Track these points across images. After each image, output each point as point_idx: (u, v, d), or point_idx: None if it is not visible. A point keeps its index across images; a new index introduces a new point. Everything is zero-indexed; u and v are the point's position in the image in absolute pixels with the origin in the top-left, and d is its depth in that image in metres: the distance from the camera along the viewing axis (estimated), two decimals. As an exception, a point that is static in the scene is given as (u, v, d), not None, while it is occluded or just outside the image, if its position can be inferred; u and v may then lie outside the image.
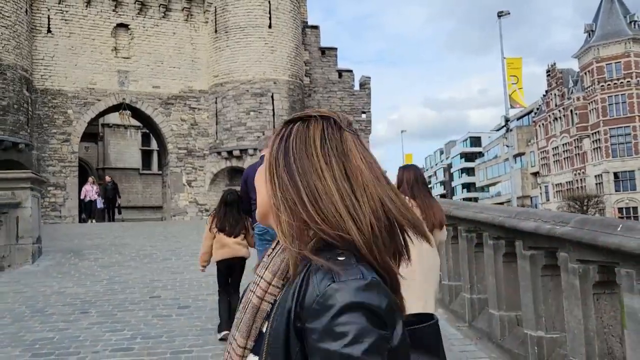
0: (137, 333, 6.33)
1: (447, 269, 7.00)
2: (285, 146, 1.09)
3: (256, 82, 25.74)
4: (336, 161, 1.06)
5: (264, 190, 1.10)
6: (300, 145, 1.08)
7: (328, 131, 1.10)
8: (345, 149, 1.08)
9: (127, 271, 10.34)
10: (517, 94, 28.41)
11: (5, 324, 6.86)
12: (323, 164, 1.06)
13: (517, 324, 5.39)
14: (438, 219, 4.20)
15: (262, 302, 1.07)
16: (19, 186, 10.93)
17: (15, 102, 21.60)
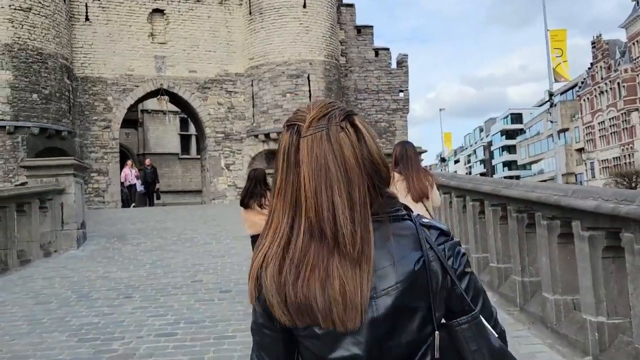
0: (180, 318, 6.31)
1: (496, 250, 6.72)
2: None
3: (292, 63, 25.52)
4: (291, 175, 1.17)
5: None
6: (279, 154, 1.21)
7: (288, 143, 1.19)
8: (298, 161, 1.16)
9: (169, 255, 10.41)
10: (562, 67, 27.30)
11: (52, 309, 6.95)
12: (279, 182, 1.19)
13: (573, 308, 5.10)
14: (419, 192, 4.98)
15: None
16: (62, 173, 11.12)
17: (57, 91, 22.02)
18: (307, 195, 1.14)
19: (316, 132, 1.16)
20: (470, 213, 7.55)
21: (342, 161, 1.14)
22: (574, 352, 4.70)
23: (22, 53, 20.90)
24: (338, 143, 1.15)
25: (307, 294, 1.12)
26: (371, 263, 1.13)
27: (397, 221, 1.19)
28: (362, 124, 1.21)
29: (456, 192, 8.21)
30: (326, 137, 1.15)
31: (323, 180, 1.14)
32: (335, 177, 1.13)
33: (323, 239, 1.14)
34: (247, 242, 11.40)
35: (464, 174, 25.08)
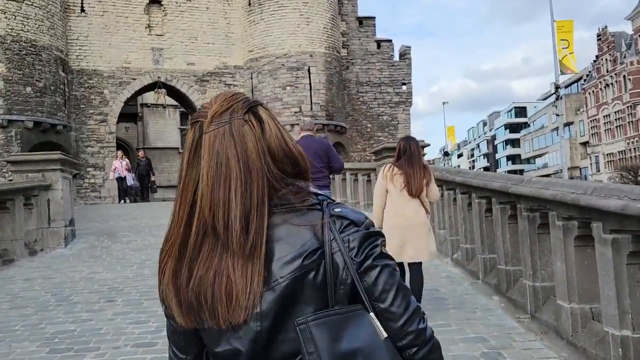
0: (162, 325, 5.78)
1: (504, 251, 6.22)
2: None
3: (292, 55, 25.01)
4: (192, 173, 1.17)
5: None
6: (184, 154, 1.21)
7: (192, 139, 1.18)
8: (199, 158, 1.15)
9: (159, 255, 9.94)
10: (568, 59, 26.71)
11: (28, 314, 6.49)
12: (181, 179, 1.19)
13: (592, 319, 4.60)
14: (416, 187, 5.33)
15: None
16: (48, 168, 10.64)
17: (52, 84, 21.56)
18: (202, 193, 1.14)
19: (219, 128, 1.14)
20: (476, 211, 7.05)
21: (243, 156, 1.13)
22: (593, 367, 4.22)
23: (15, 45, 20.44)
24: (241, 137, 1.14)
25: (197, 292, 1.12)
26: (262, 258, 1.11)
27: (302, 212, 1.16)
28: (267, 115, 1.19)
29: (461, 189, 7.70)
30: (229, 132, 1.14)
31: (222, 176, 1.13)
32: (235, 173, 1.12)
33: (217, 236, 1.13)
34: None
35: (469, 169, 24.66)
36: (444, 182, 8.56)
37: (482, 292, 6.64)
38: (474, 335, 5.02)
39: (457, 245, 8.14)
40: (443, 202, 8.80)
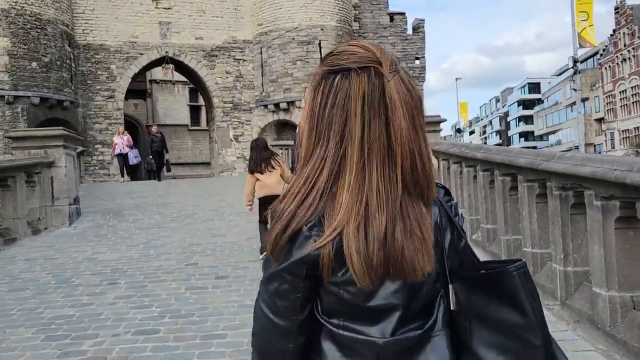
0: (166, 310, 5.51)
1: (530, 232, 5.78)
2: (328, 102, 1.12)
3: (302, 29, 24.36)
4: (377, 124, 1.09)
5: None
6: (343, 104, 1.10)
7: (370, 88, 1.10)
8: (389, 107, 1.09)
9: (166, 233, 9.63)
10: (587, 32, 25.73)
11: (25, 297, 6.20)
12: (362, 130, 1.09)
13: (633, 308, 4.18)
14: None
15: None
16: (51, 144, 10.29)
17: (58, 59, 21.15)
18: (403, 142, 1.10)
19: (394, 76, 1.11)
20: (500, 189, 6.60)
21: (418, 105, 1.14)
22: (635, 362, 3.81)
23: (19, 19, 20.00)
24: (412, 86, 1.14)
25: (392, 248, 1.10)
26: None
27: None
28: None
29: (483, 166, 7.24)
30: (405, 81, 1.13)
31: (413, 125, 1.12)
32: (419, 121, 1.13)
33: (412, 188, 1.13)
34: (250, 218, 10.63)
35: (483, 145, 24.20)
36: (463, 159, 8.10)
37: (506, 275, 6.23)
38: (500, 324, 4.63)
39: (478, 225, 7.71)
40: (462, 179, 8.35)
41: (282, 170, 7.20)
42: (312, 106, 1.14)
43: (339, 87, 1.11)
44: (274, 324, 1.17)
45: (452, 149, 8.79)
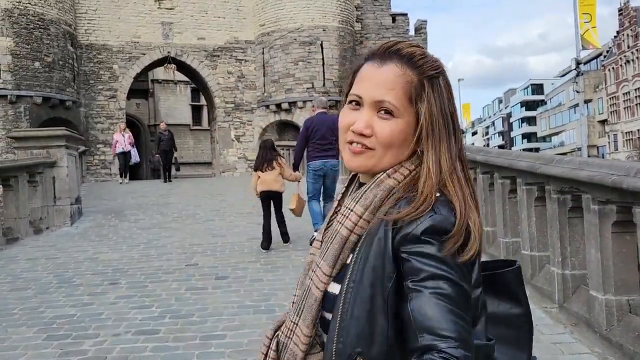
0: (166, 311, 5.55)
1: (529, 236, 5.81)
2: (442, 104, 1.14)
3: (304, 29, 24.40)
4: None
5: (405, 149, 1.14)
6: (451, 102, 1.16)
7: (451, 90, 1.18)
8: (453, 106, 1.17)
9: (167, 233, 9.68)
10: (590, 34, 25.75)
11: (27, 297, 6.25)
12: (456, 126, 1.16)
13: (629, 312, 4.21)
14: None
15: (351, 234, 1.12)
16: (53, 144, 10.35)
17: (60, 59, 21.22)
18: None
19: None
20: (499, 192, 6.63)
21: None
22: (631, 365, 3.84)
23: (22, 18, 20.08)
24: None
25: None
26: None
27: None
28: None
29: (482, 168, 7.27)
30: None
31: None
32: None
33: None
34: (251, 219, 10.73)
35: (487, 147, 24.08)
36: (463, 161, 8.12)
37: (504, 278, 6.25)
38: (497, 326, 4.66)
39: (477, 227, 7.75)
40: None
41: (281, 170, 8.03)
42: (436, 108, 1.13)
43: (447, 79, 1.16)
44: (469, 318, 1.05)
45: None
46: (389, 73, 1.12)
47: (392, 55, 1.14)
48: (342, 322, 1.06)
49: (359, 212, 1.12)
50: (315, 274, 1.14)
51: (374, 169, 1.15)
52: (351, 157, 1.15)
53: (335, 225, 1.15)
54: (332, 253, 1.13)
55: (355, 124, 1.13)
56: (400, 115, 1.11)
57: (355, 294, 1.06)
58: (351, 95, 1.15)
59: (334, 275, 1.13)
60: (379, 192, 1.12)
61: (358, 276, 1.07)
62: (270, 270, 6.97)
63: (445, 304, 0.99)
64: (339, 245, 1.12)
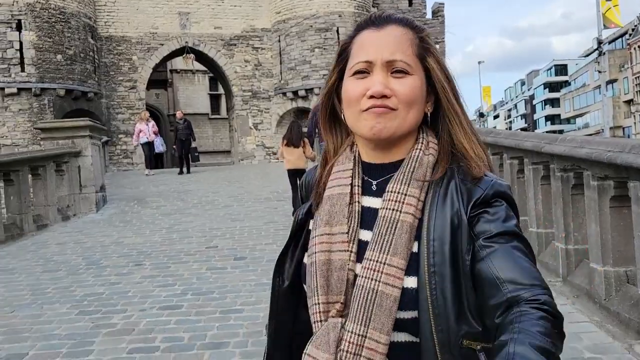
0: (188, 288, 5.88)
1: (536, 214, 5.99)
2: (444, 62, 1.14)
3: (320, 16, 24.49)
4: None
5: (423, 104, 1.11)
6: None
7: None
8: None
9: (187, 219, 10.03)
10: (612, 12, 25.36)
11: (59, 277, 6.64)
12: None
13: (627, 282, 4.40)
14: None
15: (414, 220, 1.04)
16: (78, 135, 10.76)
17: (82, 51, 21.70)
18: None
19: None
20: (508, 172, 6.80)
21: None
22: (627, 332, 4.04)
23: (44, 12, 20.54)
24: None
25: None
26: None
27: None
28: None
29: (492, 149, 7.43)
30: None
31: None
32: None
33: None
34: (268, 204, 11.06)
35: (502, 129, 24.09)
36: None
37: (513, 255, 6.45)
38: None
39: (488, 207, 7.93)
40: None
41: (304, 148, 9.30)
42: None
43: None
44: None
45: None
46: (392, 33, 1.09)
47: (388, 19, 1.12)
48: (435, 311, 0.99)
49: (416, 195, 1.06)
50: (381, 273, 1.02)
51: (398, 131, 1.08)
52: (375, 121, 1.06)
53: (391, 214, 1.05)
54: (402, 244, 1.03)
55: (371, 88, 1.06)
56: (414, 71, 1.08)
57: (442, 279, 1.00)
58: (356, 65, 1.09)
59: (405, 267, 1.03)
60: (426, 170, 1.08)
61: (437, 260, 1.01)
62: (286, 251, 7.26)
63: (520, 254, 0.99)
64: (408, 234, 1.03)
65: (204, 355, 4.17)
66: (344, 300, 1.05)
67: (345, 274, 1.05)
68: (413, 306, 1.01)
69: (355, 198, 1.11)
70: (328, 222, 1.10)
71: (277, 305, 1.21)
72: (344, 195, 1.11)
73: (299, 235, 1.20)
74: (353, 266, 1.06)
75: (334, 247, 1.08)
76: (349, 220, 1.09)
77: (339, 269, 1.06)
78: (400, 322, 1.02)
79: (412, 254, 1.03)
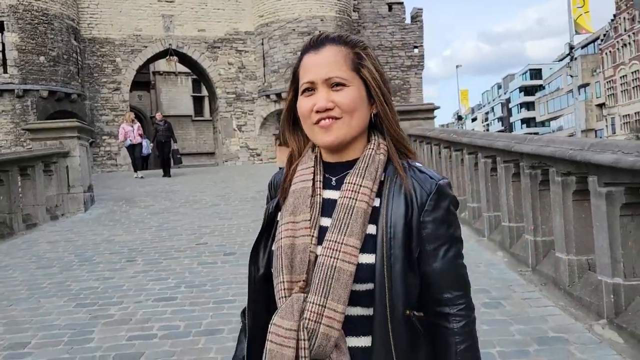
0: (181, 282, 6.16)
1: (508, 209, 6.40)
2: (378, 68, 1.29)
3: (302, 20, 24.85)
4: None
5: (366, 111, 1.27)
6: (382, 70, 1.31)
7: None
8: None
9: (176, 217, 10.28)
10: (584, 19, 26.16)
11: (53, 273, 6.86)
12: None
13: (588, 269, 4.81)
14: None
15: (368, 207, 1.21)
16: (66, 135, 10.93)
17: (65, 52, 21.74)
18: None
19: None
20: (482, 170, 7.22)
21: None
22: (588, 314, 4.44)
23: (27, 14, 20.57)
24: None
25: None
26: None
27: None
28: None
29: (468, 149, 7.85)
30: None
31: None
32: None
33: None
34: (255, 202, 11.36)
35: (468, 130, 24.61)
36: (451, 144, 8.70)
37: (487, 248, 6.85)
38: (476, 287, 5.25)
39: (465, 204, 8.32)
40: (451, 163, 8.95)
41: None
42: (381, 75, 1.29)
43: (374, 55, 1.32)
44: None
45: (441, 134, 9.39)
46: (327, 53, 1.24)
47: (324, 41, 1.27)
48: (389, 286, 1.16)
49: (369, 186, 1.22)
50: (338, 251, 1.17)
51: (347, 137, 1.24)
52: (324, 133, 1.23)
53: (348, 202, 1.21)
54: (357, 227, 1.18)
55: (316, 104, 1.22)
56: (351, 83, 1.23)
57: (395, 259, 1.17)
58: (303, 85, 1.25)
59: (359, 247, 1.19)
60: (378, 166, 1.24)
61: (392, 242, 1.18)
62: (273, 246, 7.57)
63: (457, 262, 1.25)
64: (362, 219, 1.19)
65: (200, 341, 4.47)
66: (306, 279, 1.19)
67: (307, 256, 1.20)
68: (369, 279, 1.17)
69: (317, 191, 1.26)
70: (292, 212, 1.25)
71: (254, 291, 1.34)
72: (307, 189, 1.26)
73: (269, 227, 1.33)
74: (314, 249, 1.21)
75: (298, 233, 1.22)
76: (312, 210, 1.24)
77: (302, 252, 1.20)
78: (355, 295, 1.17)
79: (368, 235, 1.19)
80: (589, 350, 3.82)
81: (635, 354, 3.70)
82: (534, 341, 3.99)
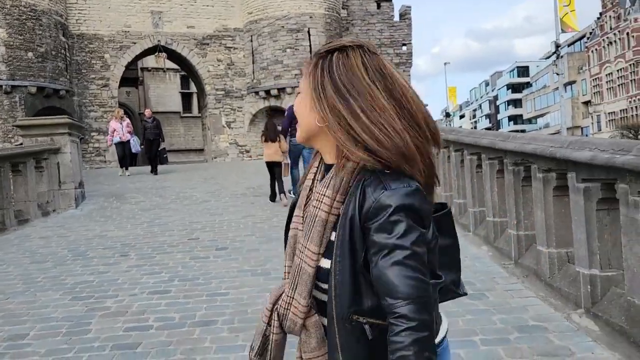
0: (175, 275, 6.30)
1: (492, 204, 6.62)
2: (330, 74, 1.26)
3: (291, 17, 24.95)
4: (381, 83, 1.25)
5: (310, 116, 1.30)
6: (345, 71, 1.25)
7: (366, 57, 1.27)
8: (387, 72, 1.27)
9: (167, 214, 10.39)
10: (569, 17, 26.55)
11: (48, 268, 6.96)
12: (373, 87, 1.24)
13: (567, 262, 5.03)
14: None
15: (329, 215, 1.27)
16: (57, 132, 10.98)
17: (53, 49, 21.67)
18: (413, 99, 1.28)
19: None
20: (468, 167, 7.43)
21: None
22: (567, 304, 4.66)
23: (15, 10, 20.47)
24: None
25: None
26: None
27: None
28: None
29: (454, 147, 8.06)
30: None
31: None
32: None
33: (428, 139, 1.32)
34: (245, 199, 11.51)
35: (466, 128, 24.82)
36: (439, 141, 8.89)
37: (472, 243, 7.06)
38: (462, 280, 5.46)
39: (451, 200, 8.53)
40: (438, 160, 9.16)
41: (280, 144, 10.56)
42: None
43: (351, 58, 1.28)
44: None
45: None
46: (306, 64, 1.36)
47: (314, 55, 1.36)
48: (336, 290, 1.24)
49: (330, 195, 1.27)
50: (304, 254, 1.31)
51: (300, 138, 1.38)
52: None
53: (313, 210, 1.30)
54: (317, 235, 1.28)
55: None
56: (303, 90, 1.33)
57: (342, 266, 1.23)
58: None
59: (323, 252, 1.29)
60: (344, 175, 1.27)
61: (341, 251, 1.24)
62: (265, 242, 7.73)
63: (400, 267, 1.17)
64: (321, 227, 1.28)
65: (195, 331, 4.62)
66: None
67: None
68: (326, 281, 1.28)
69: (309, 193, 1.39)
70: (299, 206, 1.40)
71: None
72: (307, 187, 1.40)
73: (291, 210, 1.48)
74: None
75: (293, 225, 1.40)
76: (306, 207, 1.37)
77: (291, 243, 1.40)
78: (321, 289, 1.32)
79: (331, 242, 1.28)
80: (566, 337, 4.03)
81: (609, 341, 3.91)
82: (515, 329, 4.19)
